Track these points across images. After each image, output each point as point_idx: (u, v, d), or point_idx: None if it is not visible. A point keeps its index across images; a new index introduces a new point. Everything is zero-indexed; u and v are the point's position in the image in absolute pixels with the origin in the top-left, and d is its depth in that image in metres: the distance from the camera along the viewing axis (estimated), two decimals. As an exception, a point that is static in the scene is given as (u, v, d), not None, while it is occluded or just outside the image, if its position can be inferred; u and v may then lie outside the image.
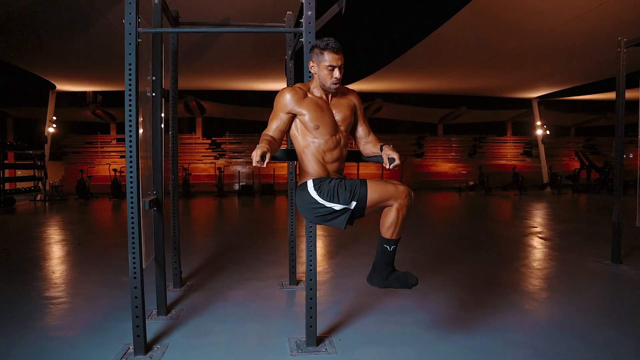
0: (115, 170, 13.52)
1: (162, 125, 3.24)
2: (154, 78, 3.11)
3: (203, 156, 17.54)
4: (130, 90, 2.44)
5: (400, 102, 18.04)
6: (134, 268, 2.50)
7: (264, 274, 4.33)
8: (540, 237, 6.24)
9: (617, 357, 2.51)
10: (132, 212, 2.48)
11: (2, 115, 16.74)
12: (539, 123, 16.38)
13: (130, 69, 2.43)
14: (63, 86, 13.44)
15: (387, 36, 9.76)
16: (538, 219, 8.58)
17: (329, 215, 2.13)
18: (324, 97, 2.24)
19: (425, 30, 8.81)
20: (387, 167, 2.01)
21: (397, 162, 2.01)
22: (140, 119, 2.72)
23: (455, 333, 2.85)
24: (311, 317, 2.60)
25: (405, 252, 5.15)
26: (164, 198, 3.23)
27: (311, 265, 2.62)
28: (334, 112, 2.24)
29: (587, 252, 5.17)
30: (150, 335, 2.76)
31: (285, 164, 15.96)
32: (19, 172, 12.91)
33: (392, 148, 2.10)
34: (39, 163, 12.53)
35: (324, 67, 2.14)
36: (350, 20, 8.47)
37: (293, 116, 2.21)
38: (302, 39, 2.58)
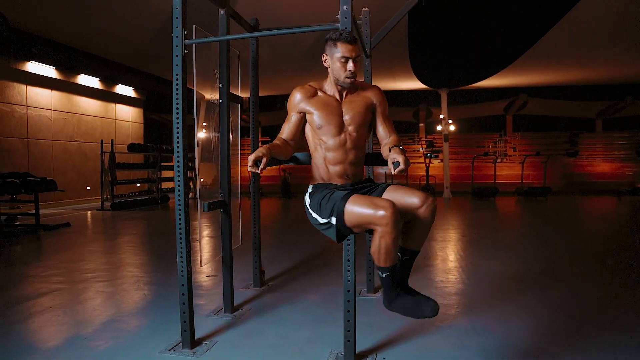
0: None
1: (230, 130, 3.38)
2: (220, 85, 3.25)
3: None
4: (177, 99, 2.58)
5: (549, 97, 16.27)
6: (182, 268, 2.64)
7: (346, 279, 4.23)
8: None
9: None
10: (179, 214, 2.62)
11: (166, 123, 19.49)
12: None
13: (177, 79, 2.57)
14: (209, 95, 15.02)
15: (518, 22, 8.82)
16: None
17: (320, 226, 1.98)
18: (337, 94, 2.10)
19: (562, 9, 7.77)
20: (392, 172, 1.79)
21: (401, 166, 1.77)
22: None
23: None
24: (349, 331, 2.45)
25: (512, 264, 4.59)
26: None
27: (349, 276, 2.47)
28: (344, 110, 2.08)
29: None
30: (205, 331, 2.90)
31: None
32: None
33: (399, 151, 1.86)
34: (190, 165, 14.23)
35: (337, 60, 2.01)
36: (472, 11, 7.87)
37: (304, 116, 2.12)
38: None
